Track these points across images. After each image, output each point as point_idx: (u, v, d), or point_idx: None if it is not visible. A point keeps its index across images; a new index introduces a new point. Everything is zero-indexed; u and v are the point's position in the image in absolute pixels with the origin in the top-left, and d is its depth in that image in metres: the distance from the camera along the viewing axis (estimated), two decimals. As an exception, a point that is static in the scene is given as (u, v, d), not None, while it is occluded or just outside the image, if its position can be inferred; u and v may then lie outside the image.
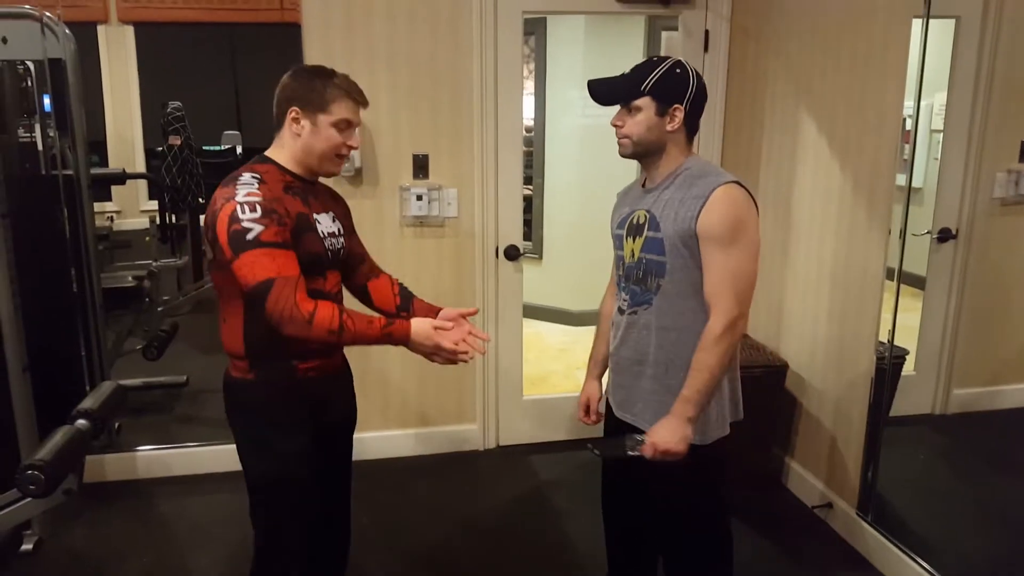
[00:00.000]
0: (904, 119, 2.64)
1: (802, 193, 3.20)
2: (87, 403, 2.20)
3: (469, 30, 3.32)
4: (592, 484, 3.43)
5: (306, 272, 1.81)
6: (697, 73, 1.93)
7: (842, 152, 2.93)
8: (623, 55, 5.04)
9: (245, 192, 1.75)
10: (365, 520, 3.13)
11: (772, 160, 3.39)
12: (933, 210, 2.81)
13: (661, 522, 2.16)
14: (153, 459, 3.49)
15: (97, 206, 3.76)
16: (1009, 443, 2.76)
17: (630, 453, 1.90)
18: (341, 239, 2.01)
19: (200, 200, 4.51)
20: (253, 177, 1.80)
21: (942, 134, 2.76)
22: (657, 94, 1.88)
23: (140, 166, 4.63)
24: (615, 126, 1.95)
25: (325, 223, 1.94)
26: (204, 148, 4.52)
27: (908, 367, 2.90)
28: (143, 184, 4.74)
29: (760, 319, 3.57)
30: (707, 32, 3.52)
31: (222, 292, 1.88)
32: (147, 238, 4.52)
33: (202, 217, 4.62)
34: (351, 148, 1.92)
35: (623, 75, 1.94)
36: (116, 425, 3.56)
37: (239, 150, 4.51)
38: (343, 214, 2.09)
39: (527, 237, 5.28)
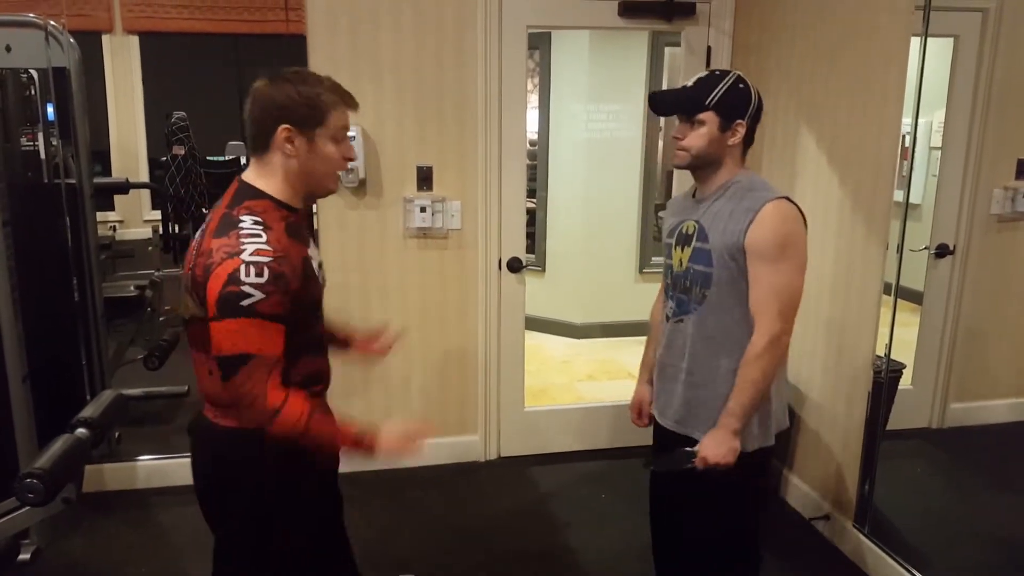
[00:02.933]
0: (904, 136, 2.67)
1: (801, 207, 3.21)
2: (87, 412, 2.20)
3: (474, 43, 3.35)
4: (593, 496, 3.45)
5: (308, 316, 1.67)
6: (756, 88, 1.95)
7: (841, 167, 2.95)
8: (627, 71, 5.09)
9: (253, 249, 1.49)
10: (365, 531, 3.13)
11: (772, 174, 3.41)
12: (931, 226, 2.83)
13: (691, 525, 2.15)
14: (153, 469, 3.49)
15: (100, 216, 3.78)
16: (1005, 457, 2.77)
17: (683, 467, 1.95)
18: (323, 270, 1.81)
19: (204, 210, 4.53)
20: (256, 224, 1.54)
21: (940, 151, 2.78)
22: (721, 109, 1.89)
23: (143, 176, 4.65)
24: (675, 138, 1.96)
25: (315, 257, 1.72)
26: (208, 158, 4.54)
27: (906, 381, 2.91)
28: (146, 194, 4.77)
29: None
30: (709, 48, 3.54)
31: (208, 345, 1.58)
32: (150, 248, 4.54)
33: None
34: (350, 160, 1.71)
35: (686, 87, 1.95)
36: (116, 434, 3.56)
37: (243, 161, 4.53)
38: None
39: (530, 250, 5.31)
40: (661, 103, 2.02)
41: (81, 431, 2.14)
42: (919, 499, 3.03)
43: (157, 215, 4.70)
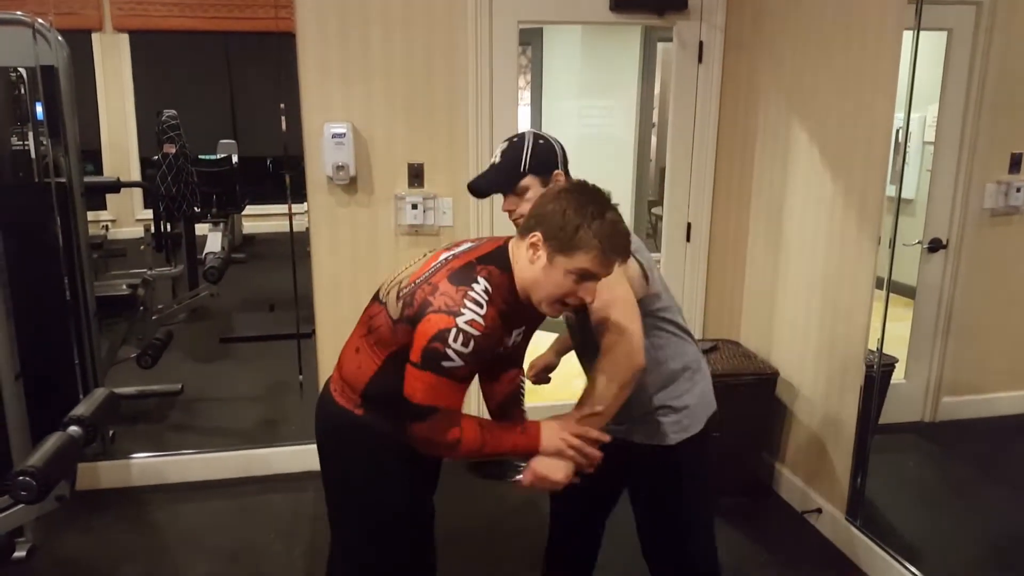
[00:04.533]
0: (897, 130, 2.67)
1: (794, 203, 3.23)
2: (79, 410, 2.21)
3: (464, 39, 3.34)
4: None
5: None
6: (552, 138, 1.99)
7: (833, 163, 2.96)
8: (620, 66, 5.08)
9: (470, 319, 1.59)
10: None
11: (765, 170, 3.42)
12: (924, 220, 2.84)
13: (650, 523, 2.16)
14: (147, 467, 3.49)
15: (92, 215, 3.76)
16: (996, 451, 2.78)
17: (509, 479, 1.92)
18: (510, 348, 1.91)
19: (196, 208, 4.51)
20: (485, 293, 1.63)
21: (934, 146, 2.79)
22: (536, 169, 1.93)
23: (135, 175, 4.63)
24: (508, 212, 1.98)
25: (509, 340, 1.83)
26: (200, 157, 4.52)
27: (898, 375, 2.92)
28: (138, 193, 4.74)
29: (751, 327, 3.59)
30: (701, 43, 3.54)
31: (377, 334, 1.79)
32: (142, 247, 4.52)
33: (198, 226, 4.63)
34: (581, 301, 1.67)
35: (494, 165, 1.98)
36: (110, 433, 3.56)
37: (235, 159, 4.52)
38: (532, 327, 1.94)
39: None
40: (481, 188, 2.01)
41: (73, 429, 2.15)
42: (911, 492, 3.05)
43: (149, 214, 4.68)
